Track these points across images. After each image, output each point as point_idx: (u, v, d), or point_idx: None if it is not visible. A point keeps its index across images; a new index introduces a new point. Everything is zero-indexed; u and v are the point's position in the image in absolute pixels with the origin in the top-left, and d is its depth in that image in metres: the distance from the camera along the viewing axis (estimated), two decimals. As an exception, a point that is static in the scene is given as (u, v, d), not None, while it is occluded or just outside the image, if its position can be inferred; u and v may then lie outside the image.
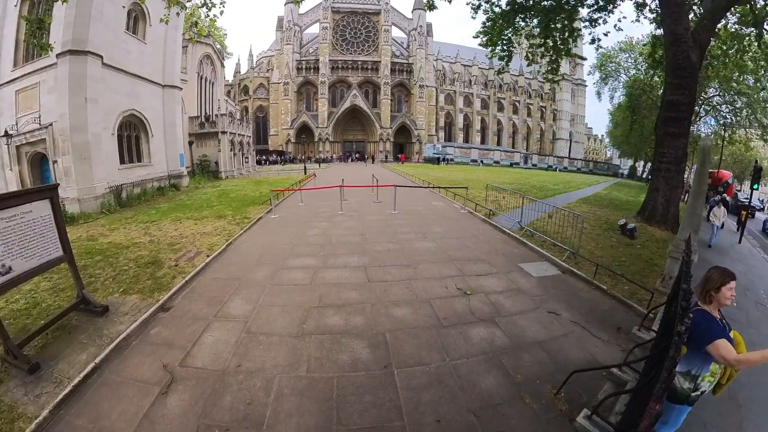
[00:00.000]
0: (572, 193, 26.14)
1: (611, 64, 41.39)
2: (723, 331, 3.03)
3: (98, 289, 7.19)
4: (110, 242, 10.58)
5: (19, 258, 5.05)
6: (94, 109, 16.80)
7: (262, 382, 4.38)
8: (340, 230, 12.15)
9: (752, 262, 13.32)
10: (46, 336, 5.42)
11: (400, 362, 4.88)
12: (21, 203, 5.13)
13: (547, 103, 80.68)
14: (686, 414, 3.54)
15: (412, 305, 6.57)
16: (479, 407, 4.17)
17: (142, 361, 4.88)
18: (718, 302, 3.14)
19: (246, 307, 6.46)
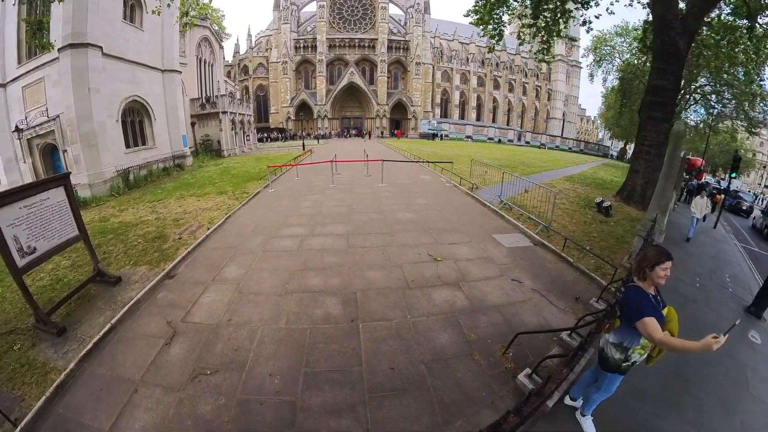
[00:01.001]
0: (558, 171, 25.91)
1: (606, 47, 40.47)
2: (654, 309, 3.04)
3: (112, 263, 7.72)
4: (120, 221, 11.07)
5: (41, 239, 5.60)
6: (97, 98, 16.98)
7: (247, 333, 5.01)
8: (330, 202, 12.53)
9: (723, 247, 13.32)
10: (69, 305, 5.98)
11: (365, 317, 5.41)
12: (39, 192, 5.62)
13: (542, 82, 79.23)
14: (619, 382, 3.66)
15: (385, 269, 7.06)
16: (430, 360, 4.58)
17: (150, 320, 5.50)
18: (652, 280, 3.13)
19: (239, 272, 7.03)
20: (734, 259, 12.03)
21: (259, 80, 68.26)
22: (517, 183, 13.02)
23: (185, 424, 3.67)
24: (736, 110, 31.86)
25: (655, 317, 2.90)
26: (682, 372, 5.07)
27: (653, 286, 3.15)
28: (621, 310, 3.20)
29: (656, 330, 2.83)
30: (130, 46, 20.04)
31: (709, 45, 17.91)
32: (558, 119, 78.74)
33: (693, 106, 35.02)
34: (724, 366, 5.40)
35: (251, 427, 3.62)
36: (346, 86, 63.83)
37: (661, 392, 4.66)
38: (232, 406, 3.84)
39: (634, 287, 3.15)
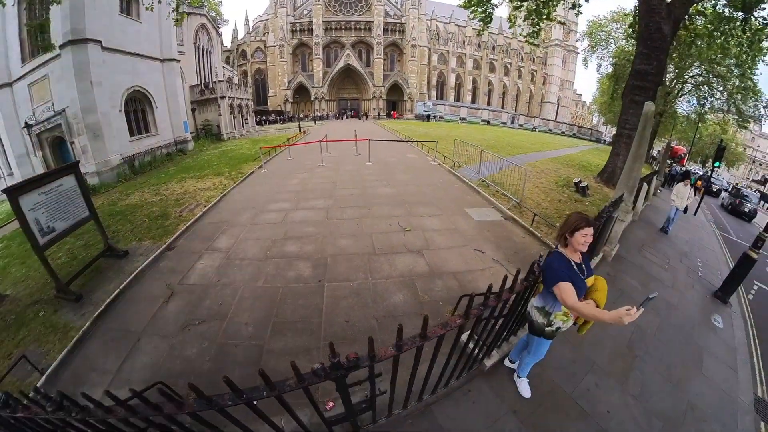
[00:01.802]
0: (545, 153, 25.79)
1: (601, 32, 38.49)
2: (573, 275, 2.96)
3: (120, 240, 8.38)
4: (127, 204, 11.66)
5: (58, 220, 6.34)
6: (100, 90, 17.23)
7: (231, 291, 5.78)
8: (317, 179, 13.08)
9: (701, 234, 13.08)
10: (84, 276, 6.64)
11: (331, 278, 6.08)
12: (54, 180, 6.33)
13: (538, 66, 77.71)
14: (547, 346, 3.64)
15: (356, 237, 7.73)
16: (382, 316, 5.10)
17: (152, 284, 6.26)
18: (573, 247, 3.04)
19: (229, 242, 7.76)
20: (710, 245, 11.92)
21: (257, 64, 67.67)
22: (499, 162, 13.19)
23: (175, 364, 4.40)
24: (727, 103, 30.74)
25: (572, 283, 2.87)
26: (635, 347, 5.21)
27: (578, 254, 3.10)
28: (542, 275, 3.15)
29: (569, 295, 2.81)
30: (129, 38, 20.07)
31: (703, 35, 17.31)
32: (552, 103, 77.69)
33: (685, 95, 33.95)
34: (679, 347, 5.49)
35: (226, 365, 4.31)
36: (343, 68, 63.23)
37: (609, 365, 4.80)
38: (213, 348, 4.57)
39: (555, 253, 3.13)
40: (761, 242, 7.13)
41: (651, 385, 4.59)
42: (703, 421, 4.23)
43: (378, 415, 3.42)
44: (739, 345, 6.02)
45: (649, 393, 4.46)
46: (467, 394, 4.02)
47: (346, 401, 2.63)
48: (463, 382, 4.13)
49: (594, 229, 3.00)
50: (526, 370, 4.05)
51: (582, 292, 2.95)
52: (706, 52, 20.12)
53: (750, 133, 72.53)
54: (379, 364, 2.22)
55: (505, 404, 3.95)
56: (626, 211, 7.91)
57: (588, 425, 3.87)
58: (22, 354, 4.70)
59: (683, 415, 4.26)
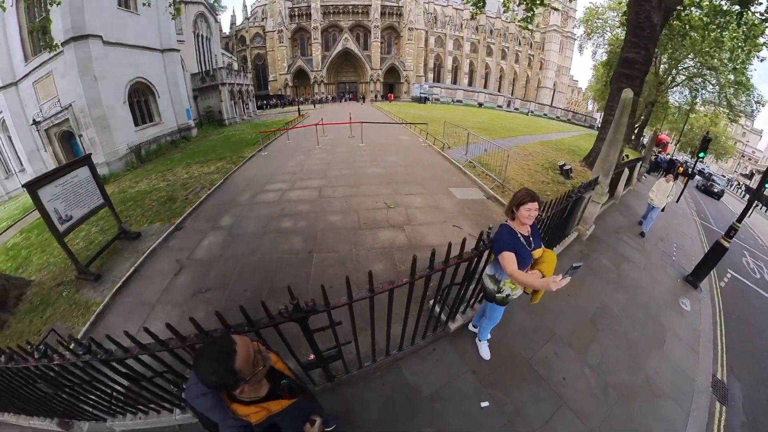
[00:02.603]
0: (537, 136, 25.50)
1: (598, 20, 37.33)
2: (518, 247, 3.10)
3: (132, 223, 8.86)
4: (137, 191, 12.08)
5: (75, 208, 6.80)
6: (104, 84, 17.54)
7: (232, 263, 6.34)
8: (313, 161, 13.42)
9: (680, 221, 13.03)
10: (102, 258, 7.15)
11: (320, 250, 6.61)
12: (69, 171, 6.76)
13: (535, 51, 75.57)
14: (501, 312, 3.86)
15: (344, 213, 8.23)
16: (362, 282, 5.15)
17: (163, 261, 6.83)
18: (519, 220, 3.16)
19: (231, 220, 8.29)
20: (688, 232, 11.90)
21: (257, 50, 66.76)
22: (485, 144, 13.35)
23: (185, 326, 4.97)
24: (718, 96, 30.30)
25: (517, 254, 3.04)
26: (598, 322, 5.42)
27: (525, 227, 3.24)
28: (492, 245, 3.31)
29: (509, 263, 2.98)
30: (129, 31, 20.12)
31: (698, 27, 16.76)
32: (549, 89, 75.77)
33: (678, 86, 33.29)
34: (643, 325, 5.64)
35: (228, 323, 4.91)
36: (341, 52, 62.32)
37: (570, 336, 4.98)
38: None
39: (503, 225, 3.27)
40: (733, 231, 7.19)
41: (610, 358, 4.78)
42: (659, 397, 4.40)
43: (350, 366, 3.86)
44: (705, 328, 6.16)
45: (608, 365, 4.65)
46: (432, 353, 4.40)
47: (312, 345, 3.02)
48: (428, 341, 4.50)
49: (539, 205, 3.12)
50: (485, 334, 4.34)
51: (527, 262, 3.14)
52: (700, 44, 19.57)
53: (741, 128, 71.65)
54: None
55: (466, 364, 4.30)
56: (601, 193, 7.94)
57: (542, 389, 4.14)
58: (51, 327, 5.25)
59: (639, 389, 4.44)
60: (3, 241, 10.62)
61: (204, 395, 1.71)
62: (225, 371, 1.54)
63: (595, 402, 4.11)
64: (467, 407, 3.83)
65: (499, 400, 3.94)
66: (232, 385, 1.60)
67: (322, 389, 3.85)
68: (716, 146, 50.68)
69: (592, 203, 7.97)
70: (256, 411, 1.72)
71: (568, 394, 4.10)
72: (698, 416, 4.36)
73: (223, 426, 1.70)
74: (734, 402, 4.81)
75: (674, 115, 38.27)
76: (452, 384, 4.05)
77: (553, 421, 3.81)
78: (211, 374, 1.55)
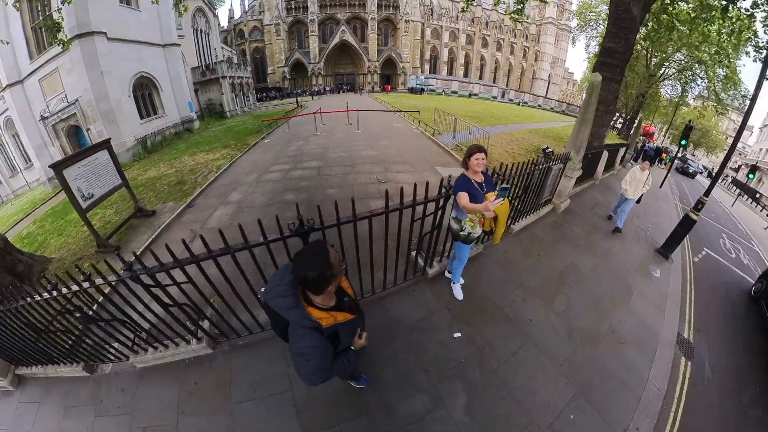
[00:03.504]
0: (527, 124, 25.97)
1: (591, 13, 36.98)
2: (472, 189, 3.64)
3: (146, 203, 9.45)
4: (147, 178, 12.69)
5: (96, 187, 7.43)
6: (110, 79, 18.04)
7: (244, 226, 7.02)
8: (312, 146, 14.04)
9: (660, 203, 13.16)
10: (120, 233, 7.83)
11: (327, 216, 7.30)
12: (90, 154, 7.41)
13: (530, 43, 75.37)
14: (467, 251, 4.36)
15: (340, 188, 8.96)
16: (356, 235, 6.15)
17: (179, 231, 7.56)
18: (472, 169, 3.69)
19: (239, 196, 9.02)
20: (667, 213, 12.08)
21: (255, 43, 66.78)
22: (472, 130, 13.90)
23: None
24: (707, 89, 30.12)
25: (471, 195, 3.61)
26: (567, 278, 5.77)
27: (479, 174, 3.77)
28: (452, 191, 3.89)
29: (461, 199, 3.59)
30: (131, 27, 20.50)
31: (685, 20, 16.56)
32: (543, 80, 75.77)
33: (668, 79, 33.19)
34: (610, 284, 5.94)
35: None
36: (338, 44, 62.41)
37: (538, 287, 5.37)
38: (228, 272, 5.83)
39: (461, 175, 3.82)
40: (701, 205, 7.49)
41: (576, 308, 5.09)
42: (622, 344, 4.70)
43: None
44: (673, 293, 6.38)
45: (573, 313, 4.98)
46: (412, 293, 4.91)
47: None
48: (409, 284, 5.05)
49: (486, 155, 3.69)
50: (457, 276, 4.86)
51: (480, 201, 3.61)
52: (688, 37, 19.51)
53: (732, 123, 71.95)
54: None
55: (441, 303, 4.77)
56: (574, 168, 8.14)
57: (509, 327, 4.55)
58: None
59: (603, 335, 4.76)
60: (18, 232, 11.27)
61: (285, 297, 1.98)
62: (325, 263, 1.86)
63: (559, 342, 4.48)
64: (441, 337, 4.30)
65: (470, 333, 4.38)
66: (328, 278, 1.88)
67: None
68: (707, 140, 51.12)
69: (566, 177, 8.30)
70: (326, 317, 2.03)
71: (534, 333, 4.50)
72: (662, 365, 4.64)
73: (298, 325, 1.99)
74: (700, 358, 5.06)
75: (665, 108, 38.30)
76: (429, 318, 4.54)
77: (519, 354, 4.21)
78: (313, 266, 1.85)
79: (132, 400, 3.90)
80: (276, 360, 4.04)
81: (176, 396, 3.83)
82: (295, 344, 2.01)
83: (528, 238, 6.99)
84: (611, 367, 4.32)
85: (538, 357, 4.21)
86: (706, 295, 6.98)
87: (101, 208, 9.25)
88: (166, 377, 4.06)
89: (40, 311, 3.70)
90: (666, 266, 7.33)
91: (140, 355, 4.21)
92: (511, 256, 6.21)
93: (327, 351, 2.06)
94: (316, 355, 1.99)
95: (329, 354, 2.09)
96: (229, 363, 4.09)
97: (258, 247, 3.40)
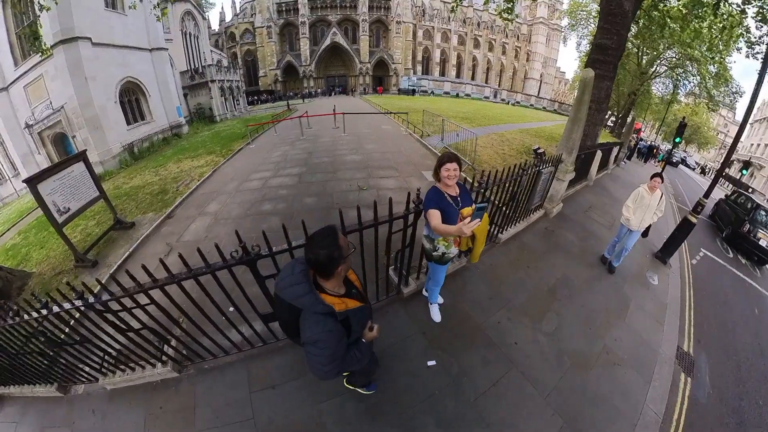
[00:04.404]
0: (519, 124, 25.56)
1: (582, 12, 36.77)
2: (444, 205, 3.22)
3: (127, 215, 9.36)
4: (131, 186, 12.52)
5: (72, 201, 7.25)
6: (95, 85, 17.71)
7: (218, 241, 6.85)
8: (296, 151, 13.82)
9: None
10: (99, 247, 7.65)
11: (294, 227, 6.97)
12: (66, 167, 7.23)
13: (522, 43, 75.50)
14: (442, 272, 3.94)
15: (320, 196, 8.78)
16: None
17: (155, 245, 7.42)
18: (443, 181, 3.28)
19: (217, 206, 8.86)
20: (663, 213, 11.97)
21: (247, 46, 66.45)
22: (461, 131, 13.63)
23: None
24: (699, 87, 30.11)
25: (444, 211, 3.18)
26: (557, 292, 5.46)
27: (453, 187, 3.35)
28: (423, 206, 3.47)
29: (431, 218, 3.16)
30: (117, 32, 20.18)
31: (676, 17, 16.48)
32: (535, 80, 76.07)
33: (660, 77, 33.32)
34: (606, 296, 5.65)
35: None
36: (330, 46, 62.19)
37: (525, 304, 5.05)
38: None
39: (432, 188, 3.38)
40: (700, 207, 7.30)
41: (567, 327, 4.76)
42: (617, 365, 4.38)
43: None
44: (672, 302, 6.11)
45: (564, 333, 4.65)
46: (385, 315, 4.58)
47: (262, 286, 3.42)
48: (382, 304, 4.72)
49: (459, 165, 3.28)
50: (434, 297, 4.53)
51: (454, 219, 3.21)
52: (680, 34, 19.11)
53: (723, 119, 72.62)
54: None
55: (416, 326, 4.46)
56: (566, 170, 7.74)
57: (492, 352, 4.20)
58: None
59: (596, 357, 4.42)
60: (2, 243, 11.03)
61: (297, 285, 2.02)
62: (334, 245, 1.92)
63: (547, 367, 4.16)
64: (413, 366, 3.98)
65: (445, 360, 4.04)
66: (336, 258, 1.94)
67: (284, 344, 4.23)
68: (698, 137, 51.44)
69: (557, 181, 7.89)
70: (338, 302, 2.08)
71: (519, 359, 4.18)
72: (660, 386, 4.34)
73: (311, 311, 2.01)
74: (700, 373, 4.84)
75: (657, 105, 38.57)
76: (401, 343, 4.23)
77: (501, 383, 3.87)
78: (323, 247, 1.92)
79: (102, 422, 3.87)
80: (239, 386, 3.93)
81: (143, 419, 3.78)
82: (308, 331, 2.00)
83: (517, 248, 6.71)
84: (604, 393, 4.04)
85: (523, 385, 3.92)
86: (706, 301, 6.83)
87: (83, 219, 9.11)
88: (134, 400, 4.01)
89: (8, 336, 3.73)
90: (664, 272, 7.19)
91: (109, 377, 4.18)
92: (497, 269, 5.92)
93: (342, 337, 2.08)
94: (330, 342, 2.00)
95: (344, 341, 2.11)
96: (194, 387, 4.00)
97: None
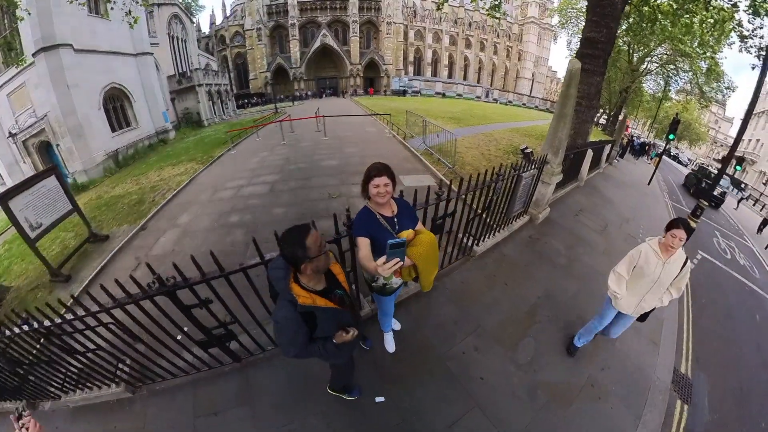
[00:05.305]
0: (509, 123, 25.06)
1: (572, 10, 36.31)
2: (376, 230, 2.68)
3: (104, 226, 9.52)
4: (112, 196, 12.64)
5: (45, 216, 7.33)
6: (77, 92, 17.62)
7: (182, 256, 6.97)
8: (274, 157, 13.71)
9: (648, 201, 12.70)
10: (73, 260, 7.74)
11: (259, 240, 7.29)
12: (37, 182, 7.28)
13: (513, 43, 75.36)
14: (389, 302, 3.42)
15: (288, 206, 8.76)
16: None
17: (126, 258, 7.53)
18: (373, 199, 2.67)
19: (188, 218, 8.90)
20: (657, 213, 11.48)
21: (237, 49, 65.93)
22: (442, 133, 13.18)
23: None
24: (690, 83, 30.28)
25: (373, 237, 2.65)
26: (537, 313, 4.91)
27: (386, 206, 2.77)
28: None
29: (361, 249, 2.63)
30: (100, 37, 19.96)
31: (667, 12, 16.11)
32: (527, 79, 76.04)
33: (651, 74, 33.22)
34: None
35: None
36: (320, 48, 61.85)
37: (499, 329, 4.49)
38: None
39: (362, 209, 2.82)
40: (700, 211, 7.12)
41: (544, 355, 4.19)
42: (601, 400, 3.82)
43: (254, 350, 4.13)
44: (669, 317, 5.47)
45: (540, 363, 4.08)
46: None
47: (192, 320, 3.44)
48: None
49: (391, 178, 2.64)
50: (386, 326, 3.99)
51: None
52: (670, 30, 19.08)
53: (714, 115, 72.95)
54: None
55: (368, 355, 4.01)
56: (551, 173, 7.05)
57: (452, 387, 3.70)
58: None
59: (578, 390, 3.86)
60: None
61: (278, 269, 2.18)
62: (297, 243, 1.98)
63: (516, 405, 3.64)
64: (360, 400, 3.59)
65: (396, 396, 3.62)
66: (300, 257, 2.00)
67: (230, 369, 4.19)
68: (690, 133, 51.78)
69: (543, 184, 7.21)
70: (305, 296, 2.11)
71: (483, 394, 3.67)
72: (651, 419, 3.79)
73: (281, 296, 2.16)
74: (698, 398, 4.33)
75: (649, 102, 38.70)
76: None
77: (459, 425, 3.40)
78: (289, 244, 2.01)
79: (63, 440, 3.84)
80: (185, 410, 3.90)
81: (100, 440, 3.83)
82: (274, 312, 2.17)
83: (494, 262, 6.01)
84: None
85: (485, 427, 3.42)
86: (706, 311, 6.35)
87: (61, 230, 9.15)
88: (93, 419, 4.05)
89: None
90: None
91: (70, 395, 4.27)
92: (469, 287, 5.27)
93: (299, 328, 2.13)
94: (286, 328, 2.12)
95: (301, 332, 2.16)
96: (146, 409, 4.00)
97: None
